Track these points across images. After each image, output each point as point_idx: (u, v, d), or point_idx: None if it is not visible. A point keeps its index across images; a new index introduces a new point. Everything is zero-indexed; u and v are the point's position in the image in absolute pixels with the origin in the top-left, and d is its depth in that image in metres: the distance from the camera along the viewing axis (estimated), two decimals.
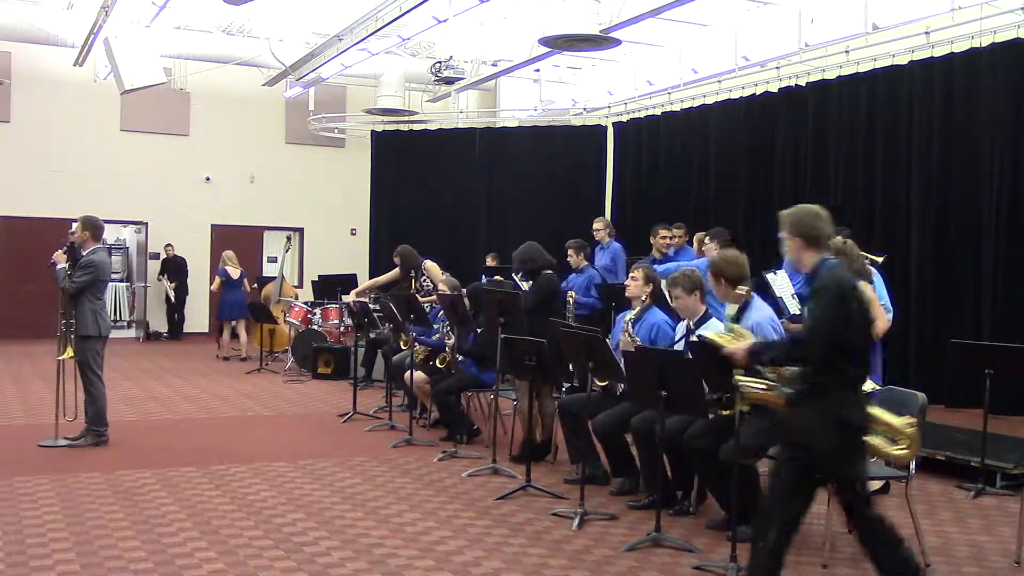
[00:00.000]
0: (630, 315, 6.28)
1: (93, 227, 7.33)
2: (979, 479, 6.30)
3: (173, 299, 16.44)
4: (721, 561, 4.66)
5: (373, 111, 15.82)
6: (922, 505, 5.84)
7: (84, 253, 7.21)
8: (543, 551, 4.94)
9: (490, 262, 12.51)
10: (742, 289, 5.09)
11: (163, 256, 16.59)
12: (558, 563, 4.75)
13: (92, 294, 7.19)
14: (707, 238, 8.50)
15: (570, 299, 8.82)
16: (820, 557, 4.81)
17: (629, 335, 6.00)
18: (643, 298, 6.24)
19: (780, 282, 7.63)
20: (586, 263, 9.69)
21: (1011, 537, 5.18)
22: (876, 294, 6.36)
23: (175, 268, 16.50)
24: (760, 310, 5.14)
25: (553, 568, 4.68)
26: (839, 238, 6.76)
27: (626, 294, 6.44)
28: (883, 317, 6.24)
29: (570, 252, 9.74)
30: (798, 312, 7.47)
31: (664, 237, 9.68)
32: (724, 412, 4.99)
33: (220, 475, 6.48)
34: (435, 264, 9.56)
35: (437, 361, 7.88)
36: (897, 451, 4.37)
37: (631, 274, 6.42)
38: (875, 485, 5.73)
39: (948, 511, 5.89)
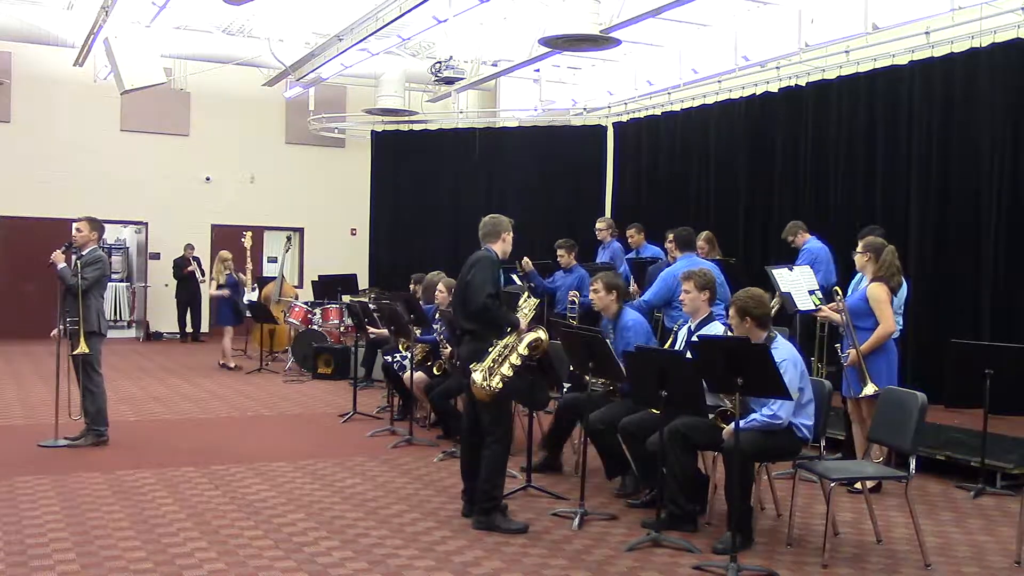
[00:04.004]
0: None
1: (100, 227, 7.52)
2: (979, 479, 6.31)
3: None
4: (721, 561, 4.66)
5: (373, 111, 15.80)
6: (922, 505, 5.84)
7: (83, 253, 7.26)
8: (543, 551, 4.94)
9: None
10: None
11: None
12: (558, 563, 4.75)
13: (97, 292, 7.27)
14: (673, 245, 8.02)
15: (575, 299, 8.82)
16: (820, 557, 4.81)
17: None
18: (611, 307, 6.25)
19: (794, 277, 7.58)
20: (575, 263, 9.71)
21: (1011, 537, 5.18)
22: (895, 300, 6.29)
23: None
24: (781, 349, 5.02)
25: (553, 568, 4.68)
26: (880, 239, 6.62)
27: (595, 308, 6.40)
28: (888, 321, 6.18)
29: (560, 252, 9.76)
30: (811, 308, 7.44)
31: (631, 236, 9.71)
32: (722, 425, 4.98)
33: (220, 475, 6.48)
34: None
35: (435, 369, 7.87)
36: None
37: (592, 287, 6.36)
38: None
39: (948, 511, 5.89)
